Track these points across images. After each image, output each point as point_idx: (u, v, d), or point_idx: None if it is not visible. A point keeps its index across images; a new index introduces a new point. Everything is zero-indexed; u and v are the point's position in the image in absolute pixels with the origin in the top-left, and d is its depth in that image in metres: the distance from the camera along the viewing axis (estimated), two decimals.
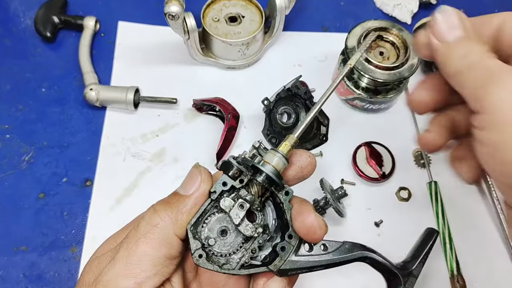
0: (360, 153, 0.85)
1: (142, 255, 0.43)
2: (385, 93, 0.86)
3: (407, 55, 0.83)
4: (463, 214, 0.83)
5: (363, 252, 0.47)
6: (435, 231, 0.54)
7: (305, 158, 0.49)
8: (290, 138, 0.47)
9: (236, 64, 0.94)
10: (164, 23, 0.82)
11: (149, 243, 0.43)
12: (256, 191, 0.46)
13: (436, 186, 0.83)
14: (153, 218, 0.45)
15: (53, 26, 0.94)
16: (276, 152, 0.45)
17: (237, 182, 0.46)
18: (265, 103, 0.82)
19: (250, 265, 0.46)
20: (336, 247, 0.47)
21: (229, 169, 0.45)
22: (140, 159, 0.84)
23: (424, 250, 0.51)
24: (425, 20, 0.95)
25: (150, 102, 0.88)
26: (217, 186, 0.45)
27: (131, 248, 0.44)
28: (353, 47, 0.84)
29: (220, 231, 0.46)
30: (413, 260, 0.51)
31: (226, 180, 0.46)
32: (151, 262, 0.43)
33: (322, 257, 0.46)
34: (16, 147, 0.85)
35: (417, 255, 0.51)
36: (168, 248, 0.44)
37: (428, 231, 0.54)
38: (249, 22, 0.91)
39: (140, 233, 0.44)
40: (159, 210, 0.45)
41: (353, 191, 0.83)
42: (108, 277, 0.43)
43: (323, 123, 0.87)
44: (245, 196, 0.46)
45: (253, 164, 0.45)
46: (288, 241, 0.46)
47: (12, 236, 0.77)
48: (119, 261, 0.43)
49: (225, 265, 0.46)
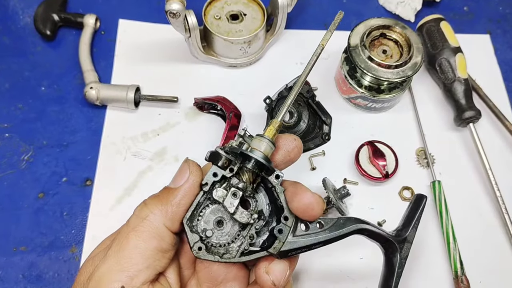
0: (363, 152, 0.84)
1: (132, 249, 0.43)
2: (388, 92, 0.86)
3: (410, 53, 0.82)
4: (467, 214, 0.83)
5: (358, 225, 0.49)
6: (423, 196, 0.56)
7: (291, 142, 0.50)
8: (274, 122, 0.48)
9: (237, 63, 0.93)
10: (165, 21, 0.81)
11: (139, 236, 0.44)
12: (247, 178, 0.47)
13: (439, 185, 0.82)
14: (143, 211, 0.46)
15: (53, 24, 0.94)
16: (262, 137, 0.46)
17: (227, 171, 0.46)
18: (267, 102, 0.81)
19: (250, 251, 0.47)
20: (331, 223, 0.48)
21: (218, 159, 0.46)
22: (140, 158, 0.84)
23: (415, 216, 0.53)
24: (428, 18, 0.94)
25: (151, 100, 0.87)
26: (208, 178, 0.46)
27: (122, 243, 0.44)
28: (356, 45, 0.83)
29: (216, 222, 0.47)
30: (405, 227, 0.52)
31: (216, 170, 0.46)
32: (142, 255, 0.43)
33: (320, 235, 0.47)
34: (15, 146, 0.84)
35: (408, 222, 0.53)
36: (158, 241, 0.44)
37: (416, 197, 0.56)
38: (251, 20, 0.91)
39: (130, 227, 0.45)
40: (149, 203, 0.46)
41: (355, 190, 0.83)
42: (100, 272, 0.43)
43: (326, 122, 0.85)
44: (237, 184, 0.46)
45: (241, 151, 0.45)
46: (284, 223, 0.46)
47: (11, 236, 0.77)
48: (111, 256, 0.44)
49: (225, 255, 0.46)
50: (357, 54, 0.83)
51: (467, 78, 0.88)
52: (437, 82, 0.94)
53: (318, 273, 0.77)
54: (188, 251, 0.51)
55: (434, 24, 0.93)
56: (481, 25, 1.04)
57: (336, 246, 0.50)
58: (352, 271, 0.77)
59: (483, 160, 0.84)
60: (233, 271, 0.50)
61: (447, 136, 0.90)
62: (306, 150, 0.84)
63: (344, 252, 0.78)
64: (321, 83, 0.92)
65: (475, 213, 0.83)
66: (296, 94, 0.50)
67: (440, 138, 0.89)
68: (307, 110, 0.86)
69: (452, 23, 0.94)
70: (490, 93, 0.93)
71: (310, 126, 0.86)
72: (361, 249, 0.78)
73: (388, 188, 0.84)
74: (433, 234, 0.80)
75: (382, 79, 0.81)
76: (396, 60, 0.84)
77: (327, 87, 0.93)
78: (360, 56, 0.82)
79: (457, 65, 0.88)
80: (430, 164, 0.85)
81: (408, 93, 0.93)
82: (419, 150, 0.88)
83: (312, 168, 0.85)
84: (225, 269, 0.50)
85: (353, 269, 0.78)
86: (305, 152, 0.85)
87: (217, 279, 0.50)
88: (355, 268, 0.78)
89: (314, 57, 0.52)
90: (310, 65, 0.52)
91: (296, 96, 0.50)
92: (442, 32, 0.91)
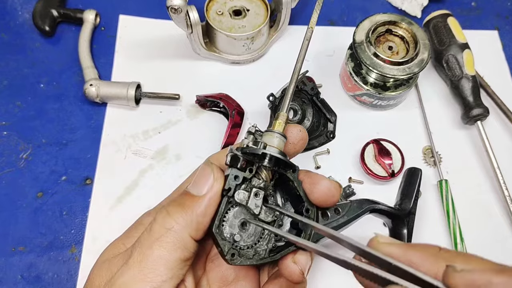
0: (369, 151, 0.83)
1: (157, 259, 0.42)
2: (394, 89, 0.84)
3: (416, 49, 0.81)
4: (474, 214, 0.81)
5: (371, 206, 0.54)
6: (417, 170, 0.59)
7: (296, 134, 0.50)
8: (281, 115, 0.48)
9: (240, 59, 0.92)
10: (167, 16, 0.80)
11: (163, 246, 0.43)
12: (266, 176, 0.47)
13: (446, 185, 0.81)
14: (167, 221, 0.44)
15: (52, 19, 0.93)
16: (273, 132, 0.47)
17: (247, 172, 0.46)
18: (271, 99, 0.81)
19: (277, 248, 0.47)
20: (347, 208, 0.50)
21: (237, 161, 0.45)
22: (141, 156, 0.83)
23: (414, 190, 0.58)
24: (435, 13, 0.93)
25: (152, 98, 0.87)
26: (230, 182, 0.45)
27: (145, 253, 0.43)
28: (362, 41, 0.82)
29: (240, 225, 0.46)
30: (405, 201, 0.58)
31: (237, 173, 0.45)
32: (167, 266, 0.43)
33: (340, 220, 0.49)
34: (13, 144, 0.83)
35: (408, 196, 0.58)
36: (183, 251, 0.43)
37: (409, 172, 0.60)
38: (254, 15, 0.89)
39: (154, 236, 0.44)
40: (173, 212, 0.44)
41: (361, 189, 0.82)
42: (121, 281, 0.42)
43: (330, 120, 0.86)
44: (258, 184, 0.46)
45: (262, 152, 0.45)
46: (307, 215, 0.47)
47: (9, 236, 0.76)
48: (134, 266, 0.43)
49: (255, 256, 0.46)
50: (363, 51, 0.81)
51: (474, 75, 0.87)
52: (444, 79, 0.93)
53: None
54: (199, 250, 0.50)
55: (441, 20, 0.92)
56: (489, 21, 1.03)
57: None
58: None
59: (491, 159, 0.82)
60: (243, 270, 0.50)
61: (454, 134, 0.89)
62: (311, 148, 0.85)
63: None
64: (326, 80, 0.91)
65: (483, 213, 0.82)
66: (296, 82, 0.51)
67: (447, 136, 0.88)
68: (312, 108, 0.86)
69: (459, 19, 0.93)
70: (498, 90, 0.91)
71: (314, 124, 0.86)
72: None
73: (394, 187, 0.80)
74: (440, 235, 0.79)
75: (388, 76, 0.80)
76: (402, 56, 0.83)
77: (332, 84, 0.92)
78: (365, 52, 0.81)
79: (464, 62, 0.87)
80: (437, 163, 0.84)
81: (415, 90, 0.92)
82: (425, 149, 0.87)
83: (317, 166, 0.84)
84: (235, 269, 0.50)
85: None
86: (309, 151, 0.85)
87: (228, 278, 0.50)
88: None
89: (306, 41, 0.54)
90: (304, 50, 0.54)
91: (296, 84, 0.51)
92: (449, 28, 0.90)
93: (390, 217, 0.56)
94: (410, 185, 0.57)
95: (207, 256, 0.52)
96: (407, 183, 0.58)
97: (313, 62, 0.94)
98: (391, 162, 0.82)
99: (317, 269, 0.75)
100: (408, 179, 0.58)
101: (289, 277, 0.45)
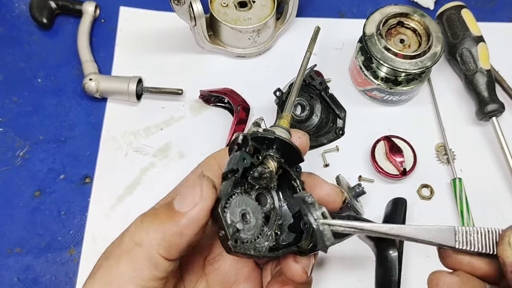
0: (379, 148, 0.81)
1: (124, 275, 0.39)
2: (405, 84, 0.83)
3: (429, 42, 0.79)
4: (490, 213, 0.80)
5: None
6: (403, 200, 0.57)
7: (295, 140, 0.48)
8: (285, 116, 0.48)
9: (246, 53, 0.90)
10: (169, 8, 0.80)
11: (131, 262, 0.39)
12: (274, 166, 0.46)
13: (460, 183, 0.79)
14: (138, 233, 0.40)
15: (50, 11, 0.91)
16: (278, 127, 0.47)
17: (255, 158, 0.44)
18: (277, 94, 0.80)
19: (278, 247, 0.45)
20: None
21: (246, 145, 0.44)
22: (143, 154, 0.82)
23: (401, 215, 0.56)
24: (449, 5, 0.91)
25: (154, 93, 0.85)
26: (239, 163, 0.42)
27: (111, 266, 0.40)
28: (372, 34, 0.81)
29: (241, 215, 0.43)
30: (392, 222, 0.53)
31: (245, 156, 0.43)
32: (134, 283, 0.39)
33: None
34: (10, 141, 0.82)
35: (393, 217, 0.55)
36: (151, 270, 0.39)
37: (394, 202, 0.58)
38: (260, 7, 0.88)
39: (122, 249, 0.40)
40: (146, 223, 0.41)
41: (371, 188, 0.80)
42: None
43: (340, 116, 0.84)
44: (263, 172, 0.45)
45: (275, 136, 0.44)
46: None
47: (5, 237, 0.75)
48: (98, 280, 0.40)
49: (255, 251, 0.43)
50: (373, 44, 0.80)
51: (489, 69, 0.86)
52: (457, 73, 0.91)
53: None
54: (196, 253, 0.48)
55: (455, 11, 0.90)
56: (505, 13, 1.01)
57: None
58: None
59: (507, 156, 0.81)
60: (245, 272, 0.49)
61: (468, 131, 0.87)
62: (319, 145, 0.83)
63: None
64: (335, 75, 0.89)
65: (498, 213, 0.80)
66: (302, 78, 0.51)
67: (461, 132, 0.87)
68: (320, 103, 0.85)
69: (473, 11, 0.91)
70: None
71: (323, 120, 0.85)
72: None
73: (406, 186, 0.81)
74: None
75: (399, 70, 0.78)
76: (414, 50, 0.81)
77: (341, 79, 0.90)
78: (376, 45, 0.80)
79: (479, 55, 0.85)
80: (450, 161, 0.82)
81: (427, 85, 0.91)
82: (438, 146, 0.85)
83: (325, 164, 0.82)
84: (237, 271, 0.48)
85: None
86: (317, 148, 0.83)
87: (229, 280, 0.48)
88: None
89: (312, 43, 0.57)
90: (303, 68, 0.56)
91: (301, 81, 0.51)
92: (463, 20, 0.89)
93: (375, 240, 0.53)
94: (393, 212, 0.54)
95: (205, 259, 0.50)
96: (392, 211, 0.54)
97: (321, 55, 0.92)
98: (403, 160, 0.80)
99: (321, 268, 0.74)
100: (392, 208, 0.54)
101: (291, 277, 0.44)
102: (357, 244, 0.70)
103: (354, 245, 0.70)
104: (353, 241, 0.50)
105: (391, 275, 0.50)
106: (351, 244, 0.70)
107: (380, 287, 0.51)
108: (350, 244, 0.67)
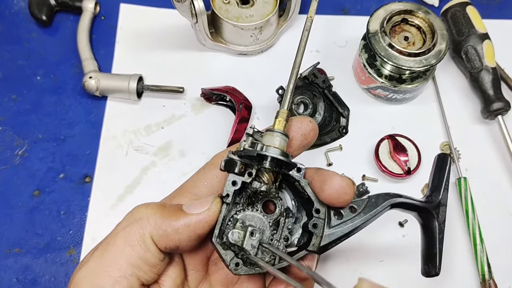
0: (383, 147, 0.81)
1: (117, 251, 0.42)
2: (410, 82, 0.83)
3: (434, 40, 0.79)
4: (494, 213, 0.79)
5: (391, 200, 0.48)
6: (446, 155, 0.55)
7: (306, 125, 0.49)
8: (281, 112, 0.47)
9: (248, 50, 0.90)
10: (170, 5, 0.79)
11: (125, 237, 0.42)
12: (268, 178, 0.46)
13: (465, 182, 0.79)
14: (140, 211, 0.44)
15: (49, 8, 0.91)
16: (274, 131, 0.45)
17: (246, 176, 0.45)
18: (280, 92, 0.79)
19: (288, 253, 0.46)
20: (364, 205, 0.47)
21: (234, 166, 0.44)
22: (143, 153, 0.82)
23: (444, 178, 0.53)
24: (453, 2, 0.90)
25: (154, 91, 0.85)
26: (228, 188, 0.44)
27: (109, 242, 0.43)
28: (376, 32, 0.80)
29: (244, 232, 0.44)
30: (435, 192, 0.52)
31: (235, 178, 0.44)
32: (128, 261, 0.42)
33: (355, 219, 0.46)
34: (8, 140, 0.82)
35: (438, 185, 0.52)
36: (143, 248, 0.42)
37: (438, 158, 0.55)
38: (263, 4, 0.87)
39: (121, 226, 0.43)
40: (150, 208, 0.44)
41: (375, 188, 0.80)
42: (80, 275, 0.42)
43: (343, 114, 0.84)
44: (260, 187, 0.45)
45: (257, 153, 0.43)
46: (317, 216, 0.45)
47: (4, 237, 0.75)
48: (95, 258, 0.43)
49: (259, 268, 0.45)
50: (377, 41, 0.80)
51: (495, 67, 0.85)
52: (463, 71, 0.91)
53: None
54: (200, 253, 0.49)
55: (460, 8, 0.89)
56: (510, 10, 1.00)
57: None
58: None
59: None
60: None
61: (473, 129, 0.87)
62: (322, 144, 0.83)
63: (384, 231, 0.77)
64: (338, 73, 0.89)
65: (504, 212, 0.80)
66: (296, 77, 0.50)
67: (466, 131, 0.86)
68: (323, 102, 0.84)
69: (479, 8, 0.90)
70: None
71: (326, 118, 0.84)
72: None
73: (410, 185, 0.81)
74: (459, 235, 0.77)
75: (403, 68, 0.78)
76: (419, 47, 0.81)
77: (345, 77, 0.90)
78: (380, 43, 0.79)
79: (484, 53, 0.85)
80: (455, 160, 0.82)
81: (432, 83, 0.90)
82: (443, 145, 0.84)
83: (329, 163, 0.82)
84: None
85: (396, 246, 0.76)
86: (321, 147, 0.83)
87: (232, 281, 0.49)
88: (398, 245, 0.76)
89: (306, 32, 0.53)
90: (303, 42, 0.53)
91: (296, 80, 0.50)
92: (468, 17, 0.88)
93: (417, 211, 0.52)
94: (438, 173, 0.54)
95: (209, 259, 0.51)
96: (436, 172, 0.54)
97: (325, 53, 0.92)
98: (407, 159, 0.80)
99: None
100: (437, 167, 0.54)
101: (295, 274, 0.45)
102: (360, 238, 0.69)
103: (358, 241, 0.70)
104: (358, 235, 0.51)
105: (431, 247, 0.51)
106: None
107: (423, 258, 0.52)
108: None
